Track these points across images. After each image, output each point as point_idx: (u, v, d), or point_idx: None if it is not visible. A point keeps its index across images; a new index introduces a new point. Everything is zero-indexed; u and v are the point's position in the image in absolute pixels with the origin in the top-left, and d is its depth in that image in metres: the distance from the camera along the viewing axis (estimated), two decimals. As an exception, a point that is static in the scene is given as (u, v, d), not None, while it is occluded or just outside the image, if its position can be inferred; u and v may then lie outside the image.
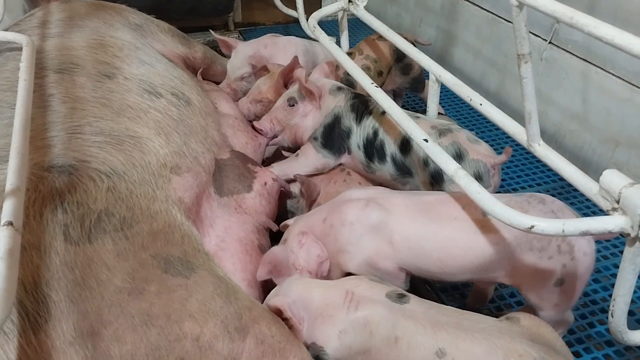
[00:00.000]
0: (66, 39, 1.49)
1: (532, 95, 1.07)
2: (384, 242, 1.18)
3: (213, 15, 2.84)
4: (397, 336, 1.00)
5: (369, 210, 1.20)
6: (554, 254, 1.10)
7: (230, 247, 1.26)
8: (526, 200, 1.14)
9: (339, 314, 1.04)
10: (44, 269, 0.87)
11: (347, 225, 1.21)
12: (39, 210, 0.96)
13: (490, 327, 1.00)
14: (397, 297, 1.07)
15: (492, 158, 1.36)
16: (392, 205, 1.21)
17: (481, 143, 1.40)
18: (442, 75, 1.45)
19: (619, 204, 0.90)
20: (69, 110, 1.21)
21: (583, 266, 1.12)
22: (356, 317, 1.03)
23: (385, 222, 1.18)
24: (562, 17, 0.93)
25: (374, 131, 1.51)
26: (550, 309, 1.16)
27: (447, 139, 1.38)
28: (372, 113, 1.53)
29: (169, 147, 1.26)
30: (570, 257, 1.11)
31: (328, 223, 1.25)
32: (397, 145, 1.47)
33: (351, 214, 1.21)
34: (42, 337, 0.81)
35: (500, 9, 2.23)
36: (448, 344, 0.97)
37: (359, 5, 1.76)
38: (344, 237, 1.21)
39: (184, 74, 1.62)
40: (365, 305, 1.04)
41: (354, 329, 1.02)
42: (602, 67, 1.80)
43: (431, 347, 0.97)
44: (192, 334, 0.91)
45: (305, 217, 1.35)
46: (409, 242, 1.17)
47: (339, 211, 1.24)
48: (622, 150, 1.77)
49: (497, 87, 2.29)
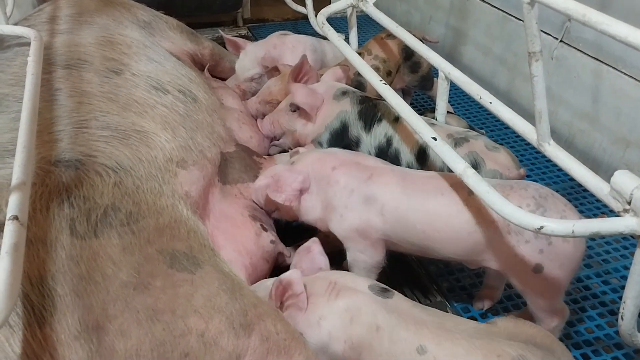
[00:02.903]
0: (75, 36, 1.50)
1: (542, 94, 1.06)
2: (375, 213, 1.23)
3: (222, 11, 2.85)
4: (379, 325, 1.02)
5: (370, 183, 1.25)
6: (531, 238, 1.11)
7: (222, 225, 1.27)
8: (509, 186, 1.15)
9: (320, 301, 1.07)
10: (50, 263, 0.87)
11: (348, 190, 1.25)
12: (45, 204, 0.96)
13: (471, 329, 1.02)
14: (379, 291, 1.09)
15: (509, 170, 1.34)
16: (388, 178, 1.25)
17: (500, 150, 1.37)
18: (451, 73, 1.44)
19: (631, 205, 0.88)
20: (76, 104, 1.22)
21: (562, 253, 1.11)
22: (336, 303, 1.06)
23: (380, 194, 1.23)
24: (574, 15, 0.91)
25: (388, 139, 1.48)
26: (536, 297, 1.17)
27: (463, 149, 1.35)
28: (384, 119, 1.50)
29: (175, 142, 1.26)
30: (548, 242, 1.11)
31: (335, 176, 1.28)
32: (413, 154, 1.45)
33: (354, 182, 1.26)
34: (47, 331, 0.81)
35: (511, 6, 2.21)
36: (429, 341, 0.99)
37: (368, 2, 1.75)
38: (341, 199, 1.26)
39: (191, 72, 1.62)
40: (346, 293, 1.07)
41: (333, 314, 1.05)
42: (613, 66, 1.78)
43: (413, 343, 0.99)
44: (197, 330, 0.90)
45: (318, 152, 1.39)
46: (397, 213, 1.21)
47: (347, 171, 1.28)
48: (633, 150, 1.75)
49: (507, 86, 2.27)
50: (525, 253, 1.12)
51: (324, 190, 1.29)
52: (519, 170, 1.35)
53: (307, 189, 1.31)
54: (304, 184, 1.30)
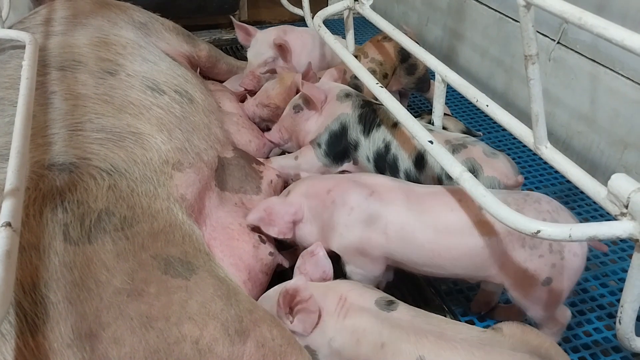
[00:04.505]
0: (69, 37, 1.48)
1: (539, 97, 1.05)
2: (378, 232, 1.20)
3: (219, 13, 2.84)
4: (384, 342, 1.01)
5: (372, 200, 1.22)
6: (545, 252, 1.11)
7: (219, 236, 1.26)
8: (522, 199, 1.15)
9: (330, 321, 1.07)
10: (43, 270, 0.86)
11: (347, 207, 1.23)
12: (39, 209, 0.95)
13: (472, 337, 1.01)
14: (385, 304, 1.08)
15: (507, 177, 1.33)
16: (392, 196, 1.22)
17: (498, 156, 1.36)
18: (448, 76, 1.43)
19: (628, 209, 0.88)
20: (71, 107, 1.21)
21: (572, 267, 1.12)
22: (344, 325, 1.05)
23: (384, 214, 1.20)
24: (570, 18, 0.91)
25: (386, 145, 1.47)
26: (538, 309, 1.16)
27: (460, 156, 1.34)
28: (382, 125, 1.49)
29: (171, 144, 1.25)
30: (560, 257, 1.11)
31: (331, 197, 1.26)
32: (411, 161, 1.44)
33: (354, 199, 1.23)
34: (39, 339, 0.80)
35: (508, 8, 2.21)
36: (428, 351, 0.98)
37: (365, 4, 1.75)
38: (341, 218, 1.23)
39: (187, 72, 1.61)
40: (353, 313, 1.06)
41: (342, 336, 1.05)
42: (611, 68, 1.78)
43: (412, 354, 0.99)
44: (192, 337, 0.89)
45: (312, 179, 1.36)
46: (402, 233, 1.19)
47: (344, 190, 1.25)
48: (631, 152, 1.75)
49: (504, 88, 2.26)
50: (537, 268, 1.11)
51: (319, 215, 1.27)
52: (517, 177, 1.34)
53: (300, 219, 1.29)
54: (296, 216, 1.28)
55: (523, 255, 1.12)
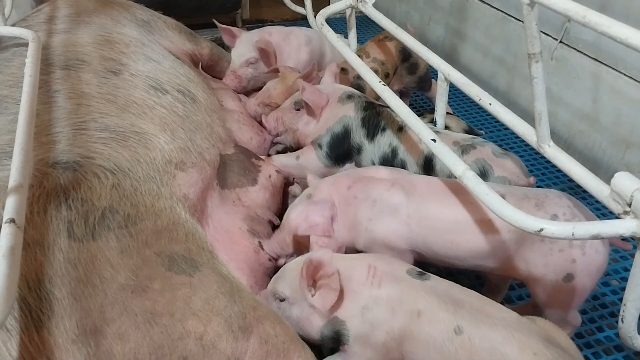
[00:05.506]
0: (73, 35, 1.49)
1: (542, 96, 1.05)
2: (401, 223, 1.20)
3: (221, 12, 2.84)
4: (420, 310, 1.00)
5: (394, 191, 1.22)
6: (565, 247, 1.10)
7: (221, 239, 1.26)
8: (544, 194, 1.14)
9: (363, 290, 1.04)
10: (48, 266, 0.87)
11: (370, 201, 1.23)
12: (43, 207, 0.95)
13: (511, 318, 1.00)
14: (417, 274, 1.07)
15: (518, 176, 1.33)
16: (414, 187, 1.23)
17: (508, 156, 1.36)
18: (450, 74, 1.43)
19: (631, 207, 0.88)
20: (74, 106, 1.21)
21: (594, 264, 1.11)
22: (379, 294, 1.03)
23: (406, 204, 1.20)
24: (574, 16, 0.91)
25: (393, 150, 1.46)
26: (556, 306, 1.16)
27: (470, 157, 1.34)
28: (388, 129, 1.48)
29: (174, 143, 1.26)
30: (582, 252, 1.10)
31: (352, 193, 1.26)
32: (419, 166, 1.43)
33: (376, 192, 1.23)
34: (44, 335, 0.80)
35: (511, 7, 2.21)
36: (467, 322, 0.97)
37: (367, 3, 1.75)
38: (365, 212, 1.23)
39: (190, 71, 1.62)
40: (388, 282, 1.04)
41: (377, 305, 1.03)
42: (613, 67, 1.78)
43: (451, 323, 0.98)
44: (196, 333, 0.90)
45: (329, 179, 1.34)
46: (424, 223, 1.19)
47: (364, 185, 1.25)
48: (633, 151, 1.75)
49: (506, 87, 2.26)
50: (558, 262, 1.11)
51: (344, 212, 1.26)
52: (528, 179, 1.34)
53: (335, 213, 1.26)
54: (333, 209, 1.26)
55: (543, 249, 1.11)
